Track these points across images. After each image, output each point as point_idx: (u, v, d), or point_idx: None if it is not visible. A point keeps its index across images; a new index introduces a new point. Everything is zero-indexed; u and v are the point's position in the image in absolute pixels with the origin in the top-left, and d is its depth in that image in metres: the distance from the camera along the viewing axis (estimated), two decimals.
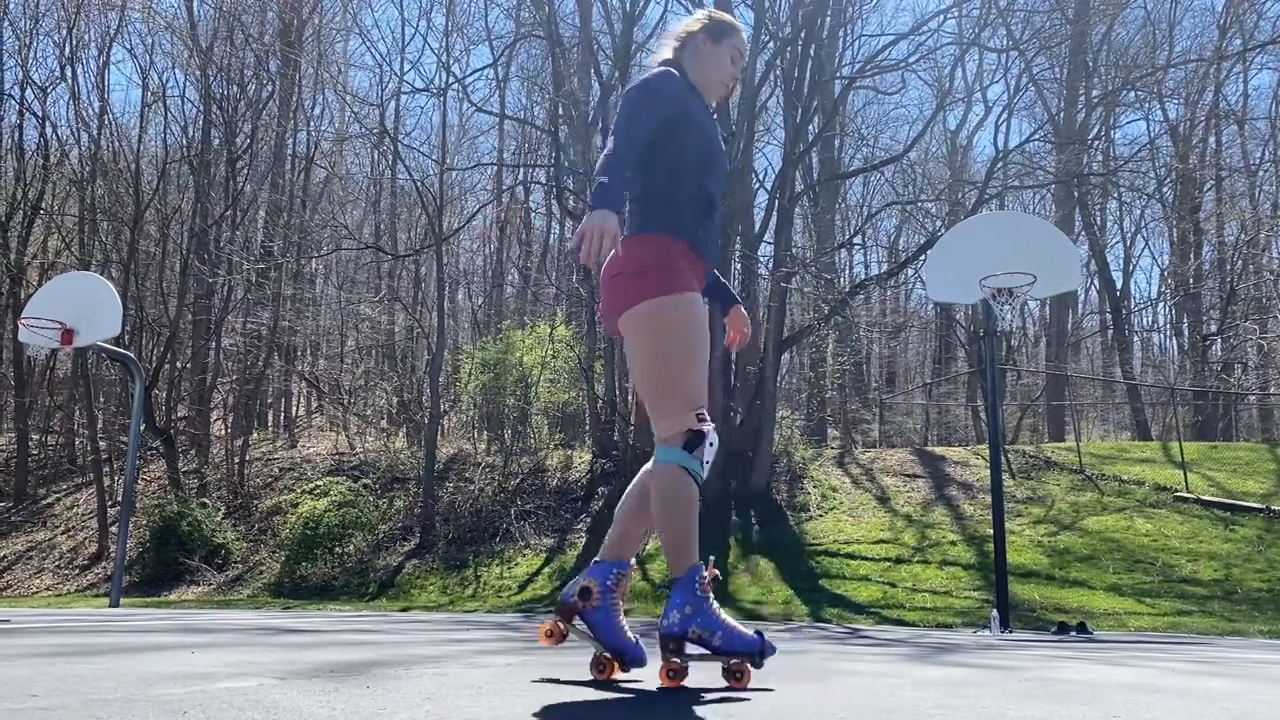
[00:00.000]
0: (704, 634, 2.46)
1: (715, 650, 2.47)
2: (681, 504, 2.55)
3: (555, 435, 19.62)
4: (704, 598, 2.49)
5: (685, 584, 2.50)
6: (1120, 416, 28.30)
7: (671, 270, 2.60)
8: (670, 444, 2.57)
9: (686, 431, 2.56)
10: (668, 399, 2.58)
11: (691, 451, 2.55)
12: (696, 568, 2.52)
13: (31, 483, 22.28)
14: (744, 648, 2.48)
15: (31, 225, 23.99)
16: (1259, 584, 11.41)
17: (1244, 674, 3.87)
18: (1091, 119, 23.58)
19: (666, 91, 2.68)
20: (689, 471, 2.55)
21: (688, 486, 2.55)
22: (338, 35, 27.92)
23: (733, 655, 2.48)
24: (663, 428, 2.59)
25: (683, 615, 2.47)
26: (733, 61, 2.87)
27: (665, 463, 2.57)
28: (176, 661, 3.14)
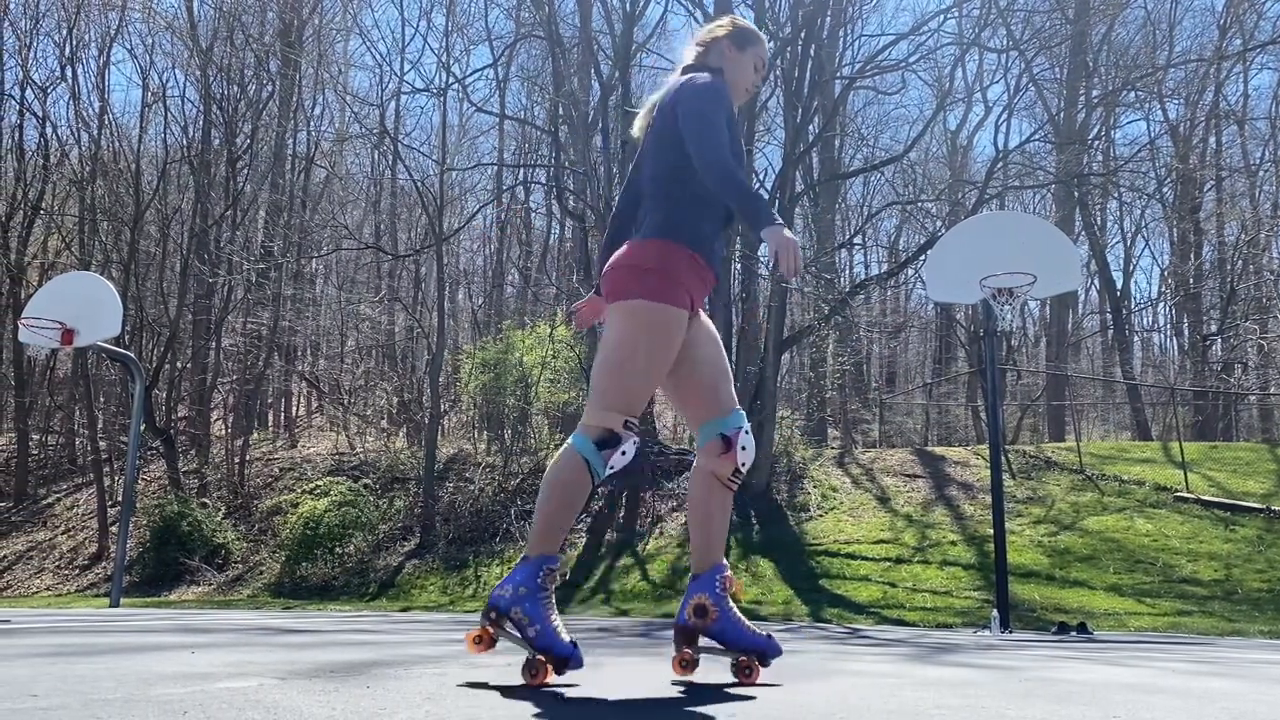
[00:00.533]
0: (524, 620, 2.48)
1: (526, 640, 2.48)
2: (567, 491, 2.58)
3: (555, 435, 19.60)
4: (542, 588, 2.51)
5: (532, 566, 2.52)
6: (1120, 416, 28.31)
7: (673, 281, 2.61)
8: (587, 434, 2.59)
9: (607, 429, 2.59)
10: (610, 394, 2.60)
11: (601, 449, 2.58)
12: (550, 557, 2.55)
13: (32, 483, 22.29)
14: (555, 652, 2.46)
15: (32, 225, 23.99)
16: (1259, 584, 11.41)
17: (1244, 674, 3.87)
18: (1092, 119, 23.57)
19: (726, 98, 2.74)
20: (589, 465, 2.57)
21: (582, 478, 2.58)
22: (338, 35, 27.94)
23: (539, 652, 2.47)
24: (590, 415, 2.62)
25: (514, 593, 2.50)
26: (755, 70, 2.92)
27: (573, 448, 2.59)
28: (177, 661, 3.14)
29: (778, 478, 16.50)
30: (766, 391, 15.86)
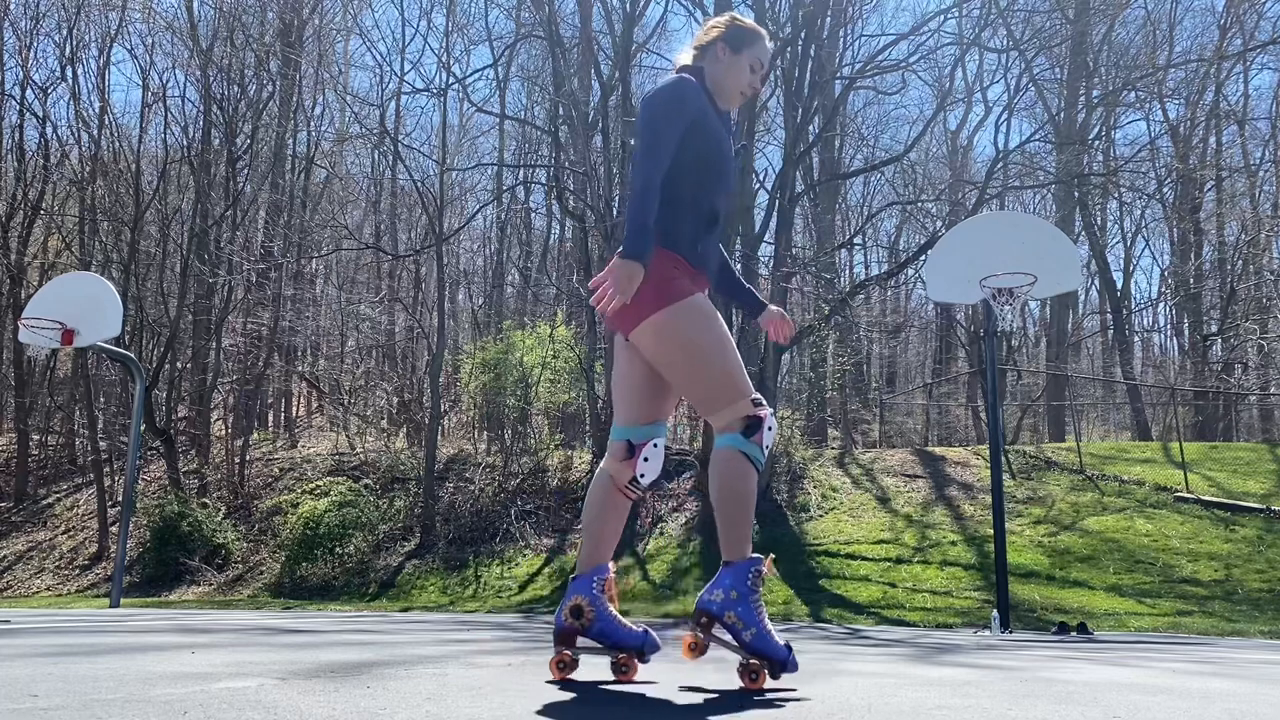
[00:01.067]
0: (738, 624, 2.45)
1: (743, 645, 2.47)
2: (741, 490, 2.55)
3: (556, 435, 19.61)
4: (753, 590, 2.48)
5: (739, 570, 2.50)
6: (1120, 417, 28.32)
7: (667, 281, 2.57)
8: (729, 430, 2.57)
9: (744, 417, 2.56)
10: (715, 396, 2.58)
11: (749, 437, 2.55)
12: (754, 560, 2.52)
13: (32, 483, 22.29)
14: (771, 654, 2.46)
15: (32, 225, 24.00)
16: (1259, 584, 11.41)
17: (1244, 674, 3.87)
18: (1092, 119, 23.58)
19: (688, 100, 2.65)
20: (748, 457, 2.54)
21: (747, 471, 2.56)
22: (338, 35, 27.93)
23: (756, 657, 2.46)
24: (719, 420, 2.59)
25: (726, 598, 2.47)
26: (752, 70, 2.84)
27: (723, 447, 2.57)
28: (177, 662, 3.14)
29: (778, 478, 16.50)
30: (766, 391, 15.85)
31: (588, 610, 2.63)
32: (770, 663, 2.46)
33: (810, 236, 24.56)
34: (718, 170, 2.71)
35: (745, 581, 2.48)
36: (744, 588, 2.47)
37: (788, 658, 2.46)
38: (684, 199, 2.66)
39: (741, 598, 2.46)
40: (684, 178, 2.66)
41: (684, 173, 2.65)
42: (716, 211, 2.73)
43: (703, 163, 2.68)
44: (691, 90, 2.67)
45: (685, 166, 2.65)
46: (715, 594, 2.48)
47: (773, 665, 2.46)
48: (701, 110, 2.68)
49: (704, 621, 2.48)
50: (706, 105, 2.72)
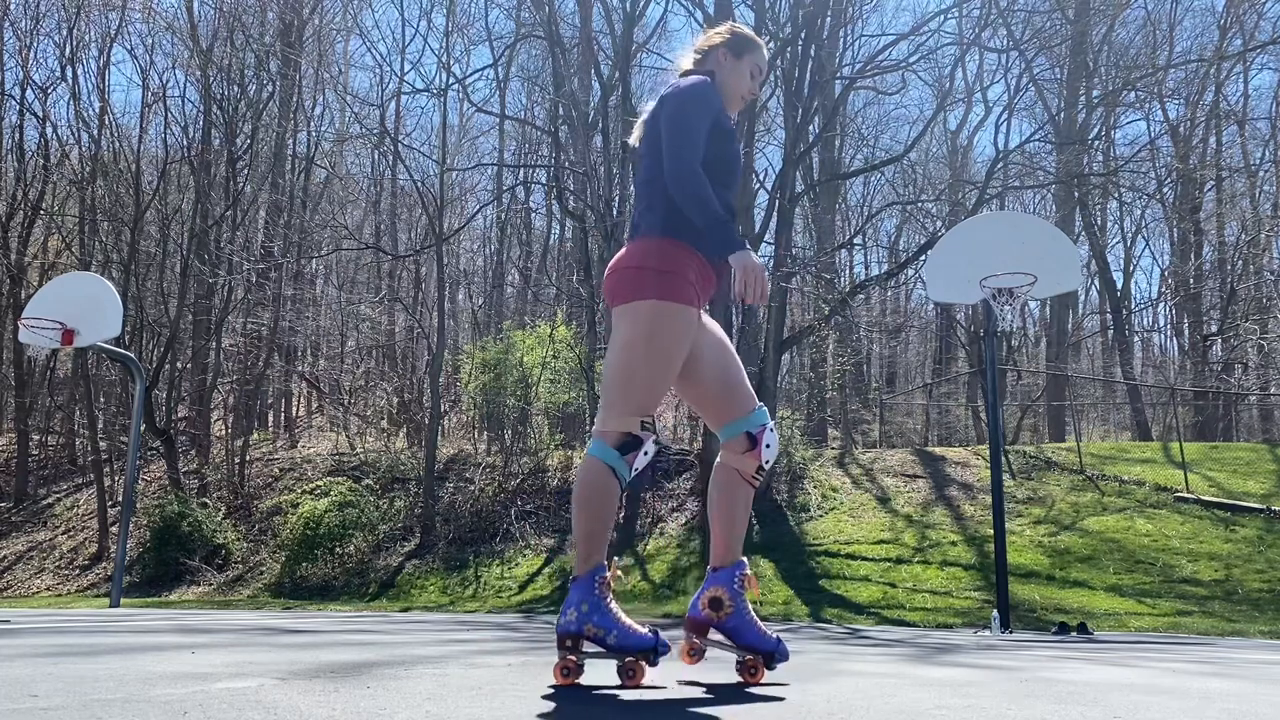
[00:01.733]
0: (599, 632, 2.49)
1: (609, 648, 2.50)
2: (598, 501, 2.58)
3: (556, 435, 19.61)
4: (601, 596, 2.52)
5: (585, 582, 2.53)
6: (1120, 417, 28.32)
7: (679, 280, 2.61)
8: (606, 440, 2.59)
9: (626, 434, 2.59)
10: (625, 397, 2.61)
11: (624, 454, 2.59)
12: (599, 567, 2.55)
13: (32, 483, 22.29)
14: (638, 646, 2.49)
15: (32, 226, 24.00)
16: (1259, 584, 11.41)
17: (1245, 674, 3.87)
18: (1092, 119, 23.57)
19: (712, 100, 2.73)
20: (615, 472, 2.58)
21: (610, 485, 2.59)
22: (338, 35, 27.94)
23: (626, 653, 2.49)
24: (606, 421, 2.61)
25: (580, 613, 2.50)
26: (752, 77, 2.91)
27: (594, 456, 2.60)
28: (177, 662, 3.14)
29: (778, 478, 16.49)
30: (766, 391, 15.85)
31: (727, 604, 2.72)
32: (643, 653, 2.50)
33: (810, 236, 24.58)
34: (733, 170, 2.80)
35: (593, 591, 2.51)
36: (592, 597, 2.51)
37: (655, 643, 2.50)
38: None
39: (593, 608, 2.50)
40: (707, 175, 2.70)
41: (706, 171, 2.70)
42: (732, 209, 2.79)
43: (721, 162, 2.74)
44: (714, 91, 2.77)
45: (707, 165, 2.70)
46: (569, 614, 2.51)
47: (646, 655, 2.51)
48: (721, 112, 2.76)
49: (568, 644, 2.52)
50: (723, 107, 2.80)
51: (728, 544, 2.79)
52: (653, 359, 2.59)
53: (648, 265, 2.63)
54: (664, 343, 2.59)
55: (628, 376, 2.61)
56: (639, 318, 2.60)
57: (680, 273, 2.62)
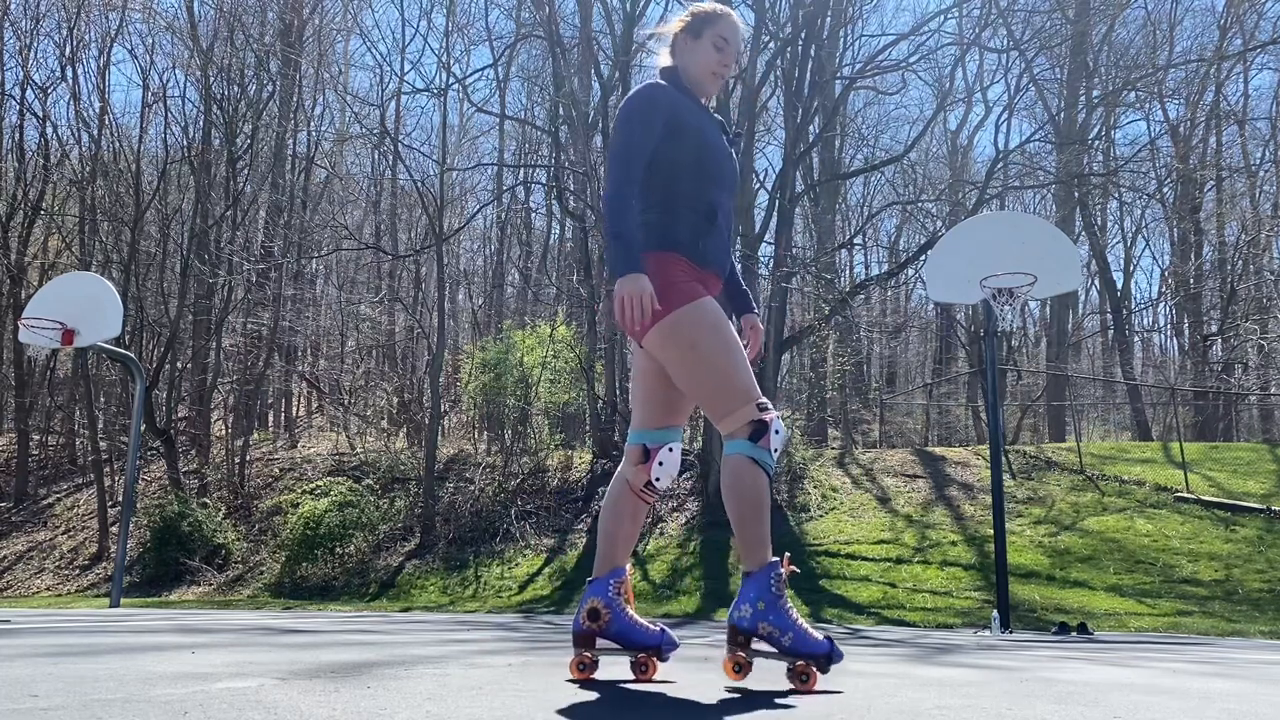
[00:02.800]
0: (774, 632, 2.45)
1: (783, 650, 2.46)
2: (752, 496, 2.53)
3: (556, 435, 19.61)
4: (778, 595, 2.47)
5: (760, 579, 2.49)
6: (1121, 417, 28.29)
7: (673, 283, 2.58)
8: (737, 436, 2.56)
9: (750, 422, 2.55)
10: (720, 400, 2.57)
11: (756, 441, 2.54)
12: (773, 564, 2.51)
13: (32, 483, 22.28)
14: (812, 650, 2.46)
15: (32, 226, 24.00)
16: (1259, 584, 11.41)
17: (1245, 674, 3.87)
18: (1092, 119, 23.57)
19: (657, 104, 2.66)
20: (757, 462, 2.53)
21: (758, 478, 2.54)
22: (338, 35, 27.93)
23: (799, 658, 2.46)
24: (726, 424, 2.58)
25: (755, 610, 2.46)
26: (718, 49, 2.78)
27: (732, 454, 2.56)
28: (177, 662, 3.14)
29: (778, 478, 16.49)
30: (766, 391, 15.84)
31: (604, 612, 2.65)
32: (816, 659, 2.47)
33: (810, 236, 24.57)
34: (707, 166, 2.70)
35: (769, 589, 2.47)
36: (769, 595, 2.46)
37: (830, 650, 2.47)
38: (678, 199, 2.66)
39: (769, 605, 2.45)
40: (675, 177, 2.66)
41: (674, 173, 2.66)
42: (714, 207, 2.71)
43: (690, 160, 2.68)
44: (660, 92, 2.69)
45: (674, 166, 2.66)
46: (744, 609, 2.47)
47: (818, 661, 2.47)
48: (677, 109, 2.68)
49: (740, 640, 2.47)
50: (684, 103, 2.72)
51: (610, 553, 2.74)
52: (710, 358, 2.56)
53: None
54: (708, 338, 2.56)
55: (711, 385, 2.57)
56: (672, 336, 2.57)
57: (676, 280, 2.59)
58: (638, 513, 2.77)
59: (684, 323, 2.56)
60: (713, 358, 2.56)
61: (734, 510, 2.54)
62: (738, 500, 2.53)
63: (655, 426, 2.76)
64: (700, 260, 2.67)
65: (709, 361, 2.56)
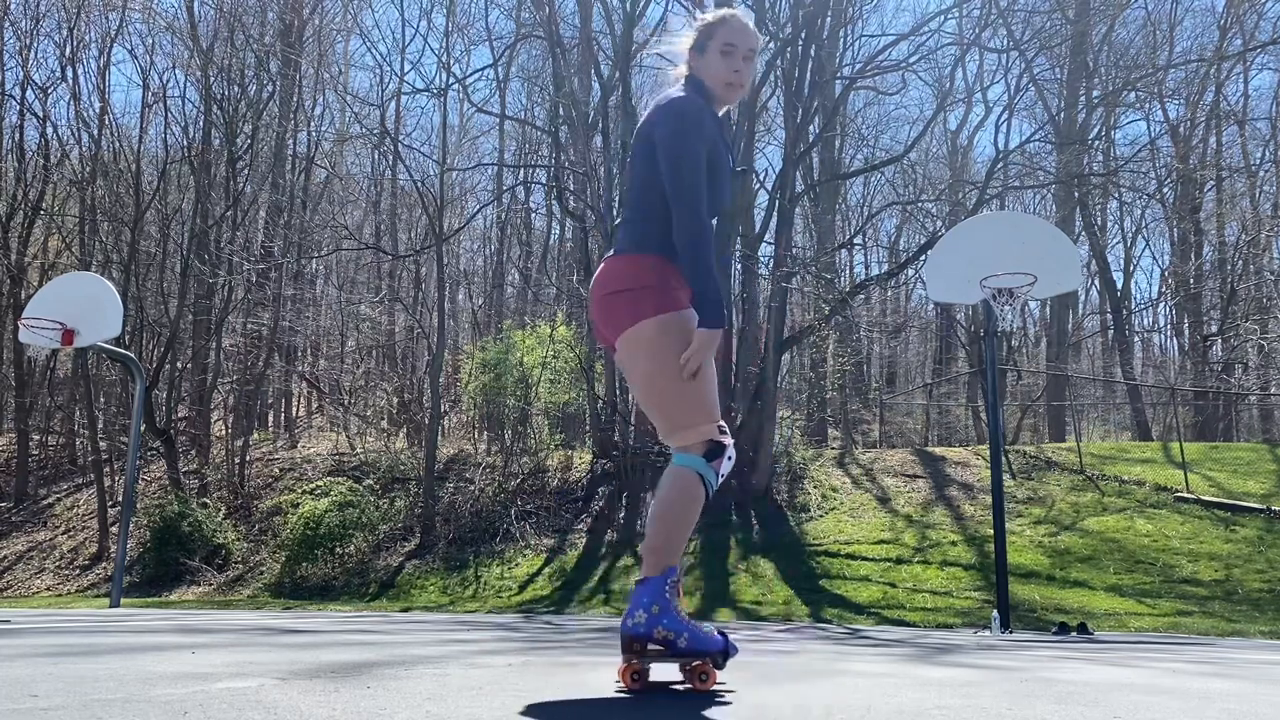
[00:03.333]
0: (670, 635, 2.42)
1: (679, 652, 2.44)
2: (684, 508, 2.52)
3: (556, 436, 19.60)
4: (670, 600, 2.46)
5: (655, 584, 2.47)
6: (1121, 417, 28.29)
7: (666, 288, 2.56)
8: (691, 451, 2.55)
9: (708, 442, 2.55)
10: (686, 413, 2.55)
11: (710, 461, 2.54)
12: (671, 569, 2.50)
13: (32, 483, 22.28)
14: (708, 648, 2.44)
15: (32, 226, 24.00)
16: (1259, 584, 11.40)
17: (1245, 674, 3.87)
18: (1092, 119, 23.57)
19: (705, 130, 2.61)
20: (703, 480, 2.53)
21: (698, 495, 2.53)
22: (338, 35, 27.94)
23: (695, 657, 2.45)
24: (685, 438, 2.56)
25: (650, 615, 2.43)
26: (725, 54, 2.71)
27: (681, 465, 2.55)
28: (177, 662, 3.14)
29: (778, 478, 16.49)
30: (766, 391, 15.86)
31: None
32: (712, 656, 2.45)
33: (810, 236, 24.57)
34: (716, 183, 2.69)
35: (663, 593, 2.45)
36: (663, 600, 2.45)
37: (725, 645, 2.46)
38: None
39: (664, 610, 2.44)
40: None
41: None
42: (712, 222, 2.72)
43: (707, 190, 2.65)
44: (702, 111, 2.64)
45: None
46: (638, 615, 2.44)
47: (714, 658, 2.46)
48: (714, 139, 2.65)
49: (636, 648, 2.45)
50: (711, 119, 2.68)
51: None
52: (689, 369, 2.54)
53: (628, 287, 2.58)
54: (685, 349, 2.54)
55: (679, 395, 2.55)
56: (650, 341, 2.54)
57: (664, 282, 2.56)
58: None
59: (668, 332, 2.53)
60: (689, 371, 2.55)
61: (661, 515, 2.52)
62: (670, 509, 2.52)
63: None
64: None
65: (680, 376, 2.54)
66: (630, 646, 2.44)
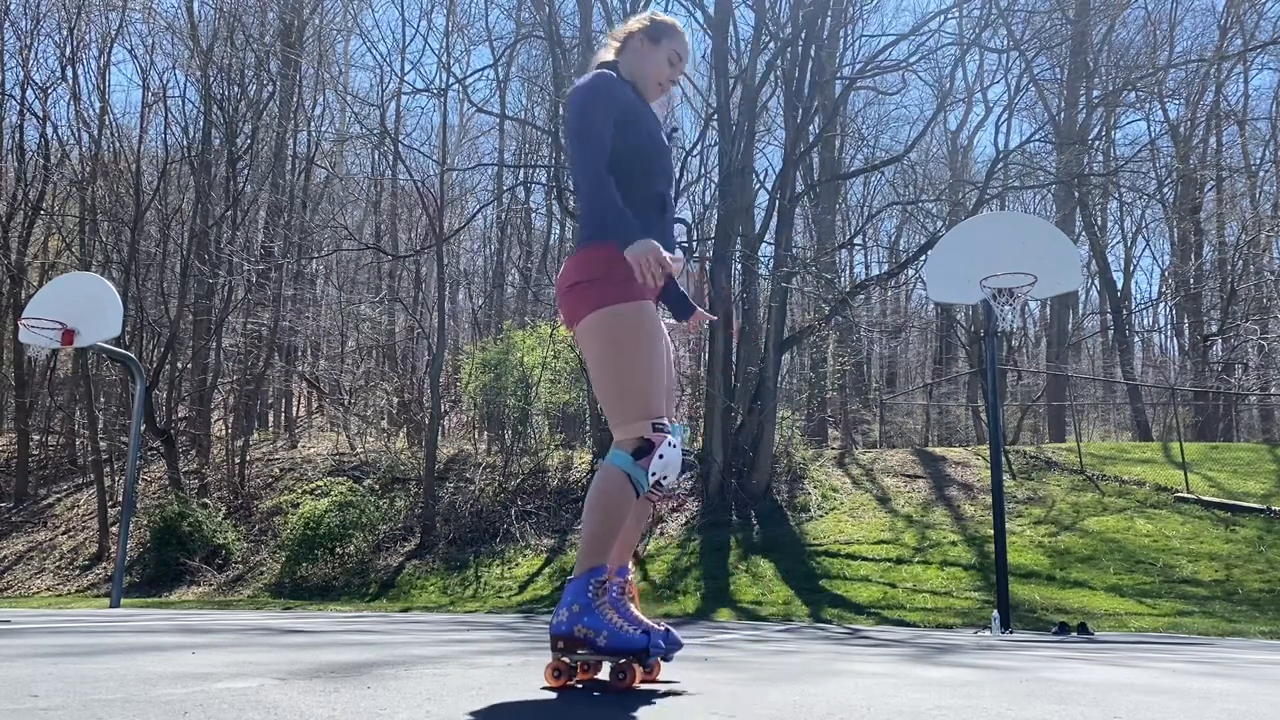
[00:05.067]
0: (590, 633, 2.43)
1: (599, 650, 2.44)
2: (612, 509, 2.53)
3: (556, 436, 19.60)
4: (594, 598, 2.46)
5: (579, 583, 2.48)
6: (1121, 417, 28.32)
7: (620, 280, 2.57)
8: (621, 448, 2.56)
9: (638, 439, 2.55)
10: (624, 408, 2.57)
11: (638, 459, 2.53)
12: (598, 569, 2.49)
13: (32, 483, 22.28)
14: (629, 647, 2.44)
15: (32, 226, 24.00)
16: (1259, 584, 11.40)
17: (1245, 674, 3.87)
18: (1092, 119, 23.57)
19: (614, 93, 2.68)
20: (630, 479, 2.52)
21: (625, 492, 2.53)
22: (338, 35, 27.95)
23: (617, 655, 2.45)
24: (618, 432, 2.58)
25: (570, 614, 2.45)
26: (671, 64, 2.83)
27: (609, 464, 2.56)
28: (177, 662, 3.14)
29: (778, 478, 16.49)
30: (766, 391, 15.86)
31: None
32: (634, 654, 2.45)
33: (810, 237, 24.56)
34: (655, 160, 2.73)
35: (585, 593, 2.46)
36: (584, 599, 2.46)
37: (647, 644, 2.45)
38: (629, 192, 2.67)
39: (584, 608, 2.45)
40: (624, 169, 2.67)
41: (622, 164, 2.67)
42: (662, 198, 2.74)
43: (639, 152, 2.70)
44: (614, 82, 2.71)
45: (623, 157, 2.67)
46: (561, 614, 2.47)
47: (637, 656, 2.45)
48: (628, 101, 2.71)
49: (561, 646, 2.46)
50: (632, 96, 2.75)
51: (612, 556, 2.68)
52: (630, 363, 2.56)
53: (581, 279, 2.61)
54: (631, 344, 2.56)
55: (618, 388, 2.57)
56: (596, 332, 2.59)
57: (610, 275, 2.58)
58: (640, 513, 2.75)
59: (620, 321, 2.56)
60: (634, 364, 2.56)
61: (590, 515, 2.53)
62: (598, 509, 2.52)
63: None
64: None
65: (629, 366, 2.56)
66: (554, 644, 2.48)
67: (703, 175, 21.55)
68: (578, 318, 2.62)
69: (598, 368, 2.60)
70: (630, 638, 2.44)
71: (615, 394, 2.58)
